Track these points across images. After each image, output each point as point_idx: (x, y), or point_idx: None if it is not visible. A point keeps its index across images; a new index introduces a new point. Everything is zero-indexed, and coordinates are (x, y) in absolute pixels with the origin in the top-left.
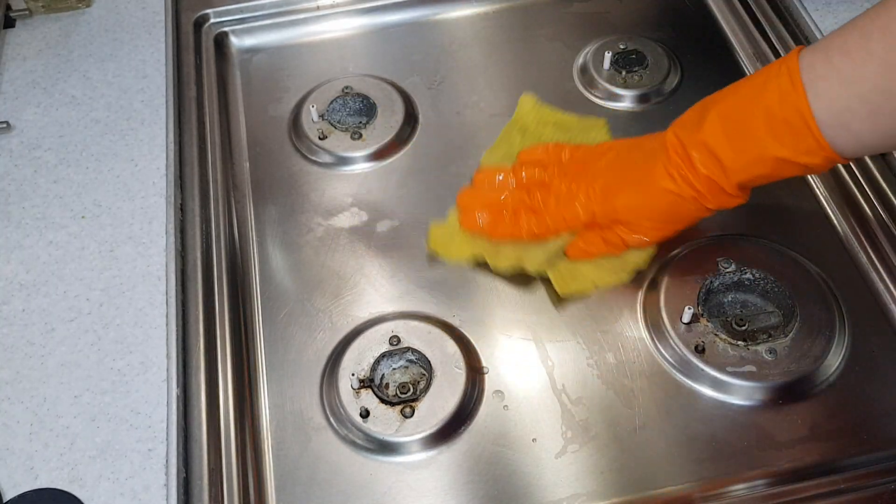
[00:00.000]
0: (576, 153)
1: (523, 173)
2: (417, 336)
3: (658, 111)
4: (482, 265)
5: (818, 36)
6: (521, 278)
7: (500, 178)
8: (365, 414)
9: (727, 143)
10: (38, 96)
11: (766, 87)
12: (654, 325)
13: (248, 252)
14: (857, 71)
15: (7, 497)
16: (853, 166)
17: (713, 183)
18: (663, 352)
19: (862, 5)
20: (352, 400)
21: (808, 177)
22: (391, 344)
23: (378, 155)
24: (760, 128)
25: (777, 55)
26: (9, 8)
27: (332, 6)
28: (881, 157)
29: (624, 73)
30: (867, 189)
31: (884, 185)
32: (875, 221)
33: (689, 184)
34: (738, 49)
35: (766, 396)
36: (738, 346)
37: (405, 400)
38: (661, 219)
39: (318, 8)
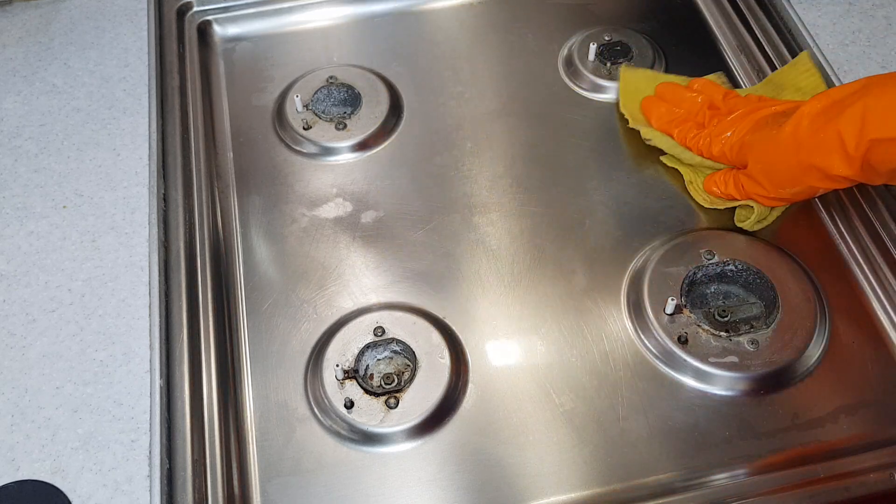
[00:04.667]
0: (735, 98)
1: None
2: (402, 327)
3: None
4: None
5: (801, 29)
6: (506, 270)
7: (698, 98)
8: (349, 405)
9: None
10: (18, 84)
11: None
12: (637, 317)
13: (232, 242)
14: None
15: None
16: None
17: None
18: (647, 342)
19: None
20: (336, 391)
21: None
22: (376, 335)
23: (363, 145)
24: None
25: (761, 48)
26: None
27: None
28: None
29: (609, 64)
30: None
31: None
32: (856, 214)
33: (810, 147)
34: (721, 41)
35: (748, 387)
36: (720, 336)
37: (389, 391)
38: (773, 179)
39: None
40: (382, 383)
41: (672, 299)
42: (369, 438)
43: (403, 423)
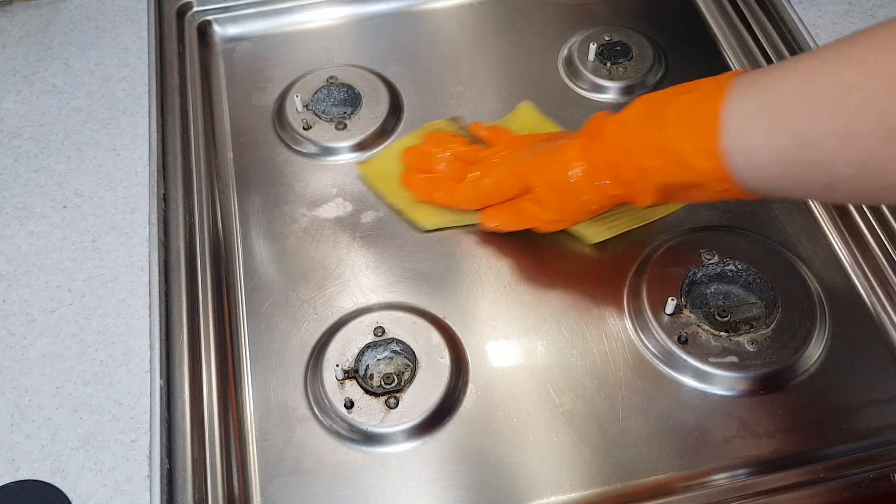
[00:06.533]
0: (518, 137)
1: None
2: (402, 327)
3: None
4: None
5: (801, 29)
6: (506, 270)
7: (446, 154)
8: (349, 405)
9: (638, 126)
10: (19, 84)
11: (694, 87)
12: (637, 317)
13: (232, 243)
14: (777, 81)
15: None
16: None
17: (613, 162)
18: (647, 343)
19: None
20: (336, 391)
21: None
22: (376, 335)
23: (363, 145)
24: (672, 116)
25: (761, 48)
26: None
27: None
28: None
29: (609, 64)
30: None
31: None
32: (857, 213)
33: (588, 158)
34: (721, 41)
35: (748, 387)
36: (720, 336)
37: (389, 391)
38: (563, 194)
39: None
40: (382, 383)
41: (672, 299)
42: (369, 438)
43: (403, 423)
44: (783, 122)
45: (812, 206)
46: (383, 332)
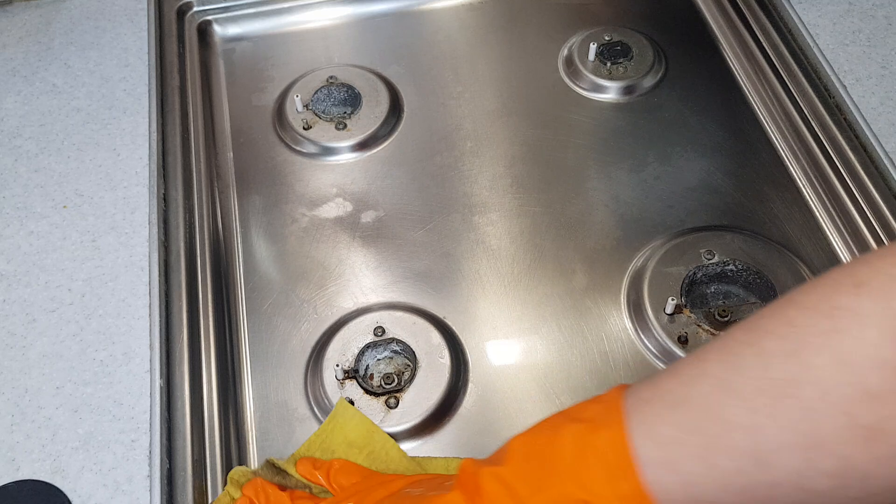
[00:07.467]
0: (369, 479)
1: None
2: (402, 327)
3: (643, 103)
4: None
5: (801, 29)
6: (506, 270)
7: None
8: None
9: (524, 478)
10: (19, 84)
11: (577, 414)
12: (637, 316)
13: (232, 243)
14: (684, 387)
15: None
16: (835, 159)
17: None
18: (646, 342)
19: None
20: (336, 391)
21: (791, 168)
22: (376, 335)
23: (363, 145)
24: (564, 458)
25: (761, 48)
26: None
27: None
28: (863, 150)
29: (609, 64)
30: (849, 182)
31: (865, 178)
32: (856, 213)
33: None
34: (721, 41)
35: None
36: None
37: (390, 391)
38: None
39: None
40: (382, 383)
41: (672, 299)
42: None
43: (403, 423)
44: (719, 440)
45: (812, 205)
46: (383, 332)
